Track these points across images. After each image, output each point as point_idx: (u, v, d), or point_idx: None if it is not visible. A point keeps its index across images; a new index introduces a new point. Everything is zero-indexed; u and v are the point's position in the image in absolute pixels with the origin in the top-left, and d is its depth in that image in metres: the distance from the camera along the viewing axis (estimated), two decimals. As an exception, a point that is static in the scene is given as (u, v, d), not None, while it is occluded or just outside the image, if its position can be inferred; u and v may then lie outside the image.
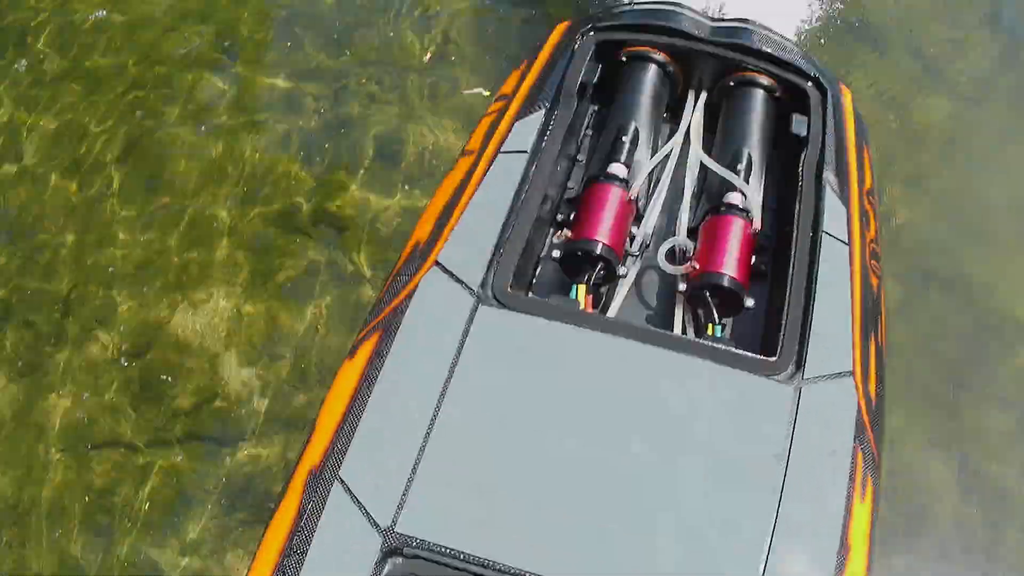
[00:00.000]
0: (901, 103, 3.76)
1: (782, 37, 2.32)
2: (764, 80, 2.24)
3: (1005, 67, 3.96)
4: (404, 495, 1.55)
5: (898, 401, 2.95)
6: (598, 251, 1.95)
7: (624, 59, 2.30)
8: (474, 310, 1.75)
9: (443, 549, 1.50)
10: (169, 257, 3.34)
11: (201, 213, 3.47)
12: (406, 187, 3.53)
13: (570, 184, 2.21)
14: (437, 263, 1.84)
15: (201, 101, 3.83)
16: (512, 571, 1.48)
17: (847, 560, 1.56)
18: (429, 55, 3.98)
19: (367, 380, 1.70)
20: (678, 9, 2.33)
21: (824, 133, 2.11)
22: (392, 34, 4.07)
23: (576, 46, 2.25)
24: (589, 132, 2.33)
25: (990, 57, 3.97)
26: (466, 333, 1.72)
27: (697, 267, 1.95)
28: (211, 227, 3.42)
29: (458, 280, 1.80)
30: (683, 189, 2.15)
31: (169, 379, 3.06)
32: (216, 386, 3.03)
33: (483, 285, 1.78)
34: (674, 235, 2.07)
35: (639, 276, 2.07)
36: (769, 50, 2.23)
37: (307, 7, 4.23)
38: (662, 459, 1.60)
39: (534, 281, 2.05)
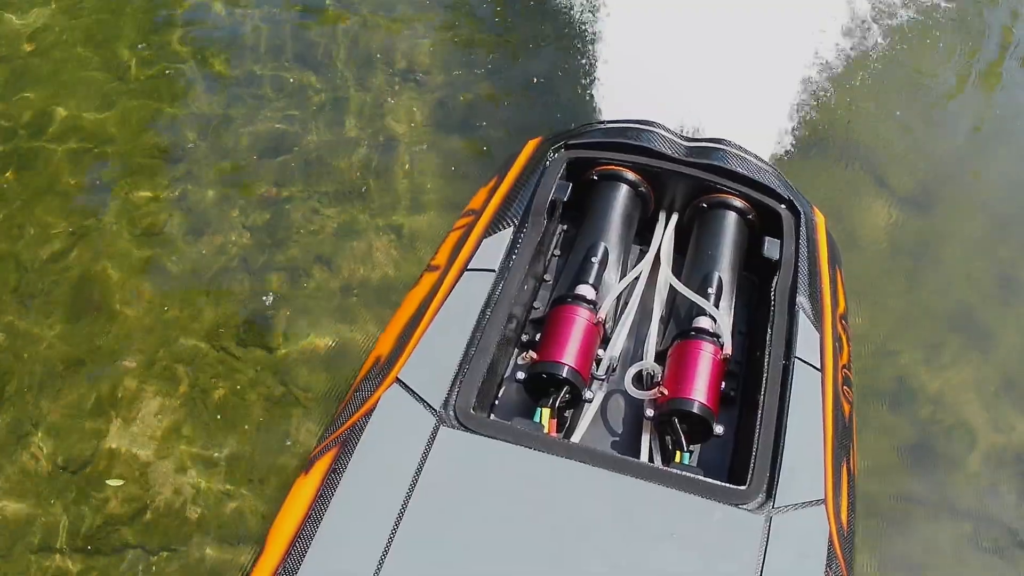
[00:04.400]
0: (845, 211, 3.81)
1: (756, 157, 2.32)
2: (737, 202, 2.22)
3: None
4: None
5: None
6: (563, 374, 1.89)
7: (595, 177, 2.28)
8: (435, 431, 1.68)
9: None
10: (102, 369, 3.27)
11: (135, 325, 3.40)
12: (343, 306, 3.45)
13: (536, 304, 2.16)
14: (398, 380, 1.78)
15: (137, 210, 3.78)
16: None
17: None
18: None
19: (322, 497, 1.62)
20: (651, 128, 2.33)
21: (797, 257, 2.09)
22: (342, 153, 4.03)
23: (547, 163, 2.24)
24: (557, 252, 2.29)
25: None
26: (426, 455, 1.65)
27: (665, 392, 1.90)
28: (143, 341, 3.34)
29: (419, 399, 1.74)
30: (651, 312, 2.12)
31: (103, 489, 2.96)
32: (148, 496, 2.94)
33: (445, 405, 1.72)
34: (642, 359, 2.02)
35: (605, 400, 2.01)
36: (743, 172, 2.22)
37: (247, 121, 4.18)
38: None
39: (497, 402, 1.98)
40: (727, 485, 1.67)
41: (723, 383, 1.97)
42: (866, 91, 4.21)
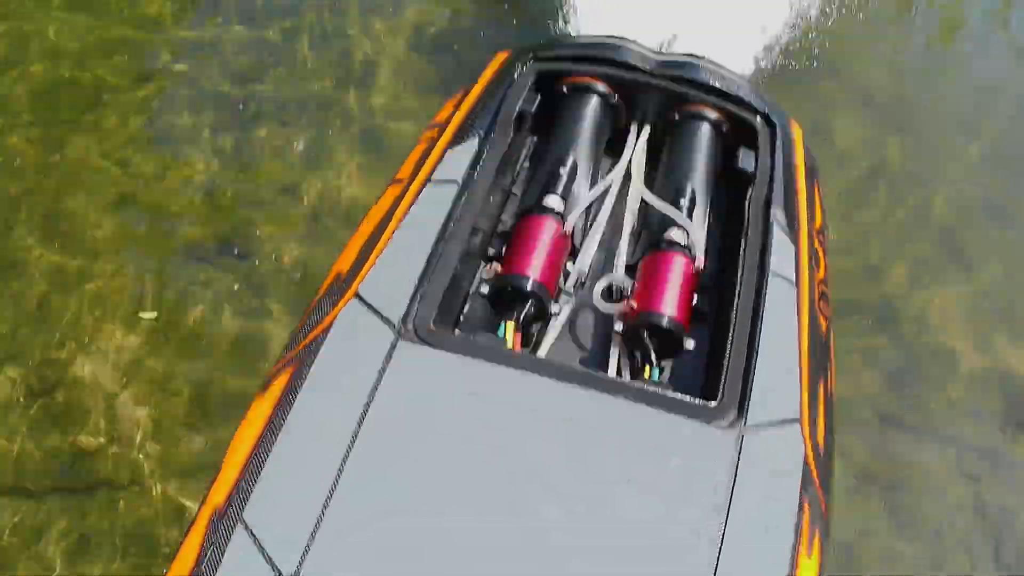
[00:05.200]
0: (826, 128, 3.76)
1: (731, 72, 2.24)
2: (711, 113, 2.14)
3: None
4: (310, 542, 1.40)
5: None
6: (528, 287, 1.82)
7: (565, 90, 2.19)
8: (393, 346, 1.61)
9: None
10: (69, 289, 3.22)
11: (103, 241, 3.35)
12: (313, 221, 3.42)
13: (504, 217, 2.08)
14: (357, 295, 1.71)
15: (108, 132, 3.71)
16: None
17: None
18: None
19: (278, 417, 1.55)
20: (624, 43, 2.23)
21: (772, 169, 2.02)
22: (309, 64, 3.98)
23: (515, 75, 2.15)
24: (526, 164, 2.21)
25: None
26: (383, 370, 1.58)
27: (635, 306, 1.82)
28: (115, 256, 3.30)
29: (378, 314, 1.66)
30: (622, 225, 2.04)
31: (72, 420, 2.92)
32: (114, 428, 2.89)
33: (404, 320, 1.65)
34: (611, 272, 1.95)
35: (573, 315, 1.93)
36: (717, 84, 2.14)
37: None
38: (591, 509, 1.46)
39: (462, 318, 1.91)
40: (696, 401, 1.60)
41: (695, 298, 1.90)
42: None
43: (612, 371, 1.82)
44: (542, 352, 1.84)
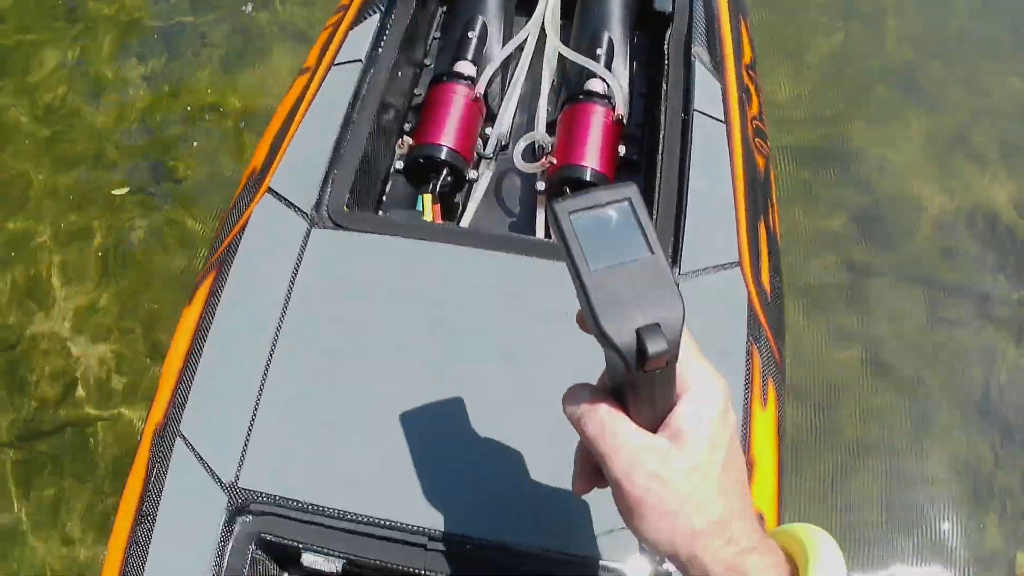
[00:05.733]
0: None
1: None
2: None
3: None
4: (244, 447, 1.36)
5: (791, 295, 2.83)
6: (442, 156, 1.75)
7: None
8: (307, 234, 1.56)
9: (291, 503, 1.32)
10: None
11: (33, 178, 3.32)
12: (242, 128, 3.36)
13: (418, 91, 2.00)
14: (270, 190, 1.64)
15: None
16: (368, 520, 1.30)
17: (752, 475, 1.38)
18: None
19: (203, 325, 1.51)
20: None
21: (692, 7, 1.92)
22: None
23: None
24: (436, 35, 2.11)
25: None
26: (300, 259, 1.53)
27: (555, 162, 1.75)
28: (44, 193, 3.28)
29: (290, 205, 1.60)
30: (541, 83, 1.96)
31: (32, 371, 2.90)
32: (74, 370, 2.87)
33: (317, 207, 1.59)
34: (532, 131, 1.88)
35: (496, 181, 1.88)
36: None
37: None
38: (520, 381, 1.41)
39: (385, 199, 1.85)
40: None
41: (623, 148, 1.83)
42: None
43: (540, 233, 1.77)
44: (465, 221, 1.79)
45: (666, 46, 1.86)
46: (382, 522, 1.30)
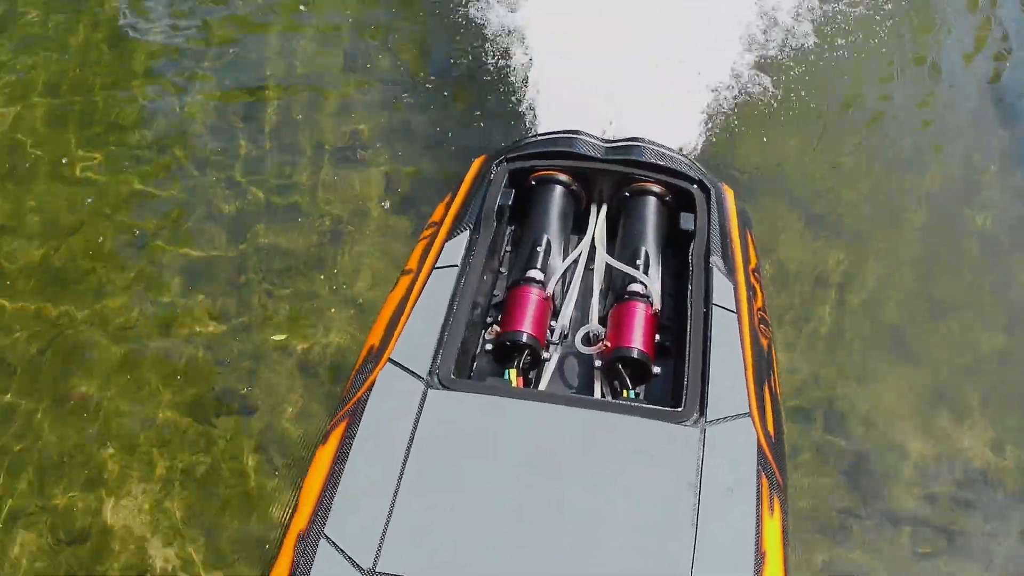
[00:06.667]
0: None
1: (668, 149, 2.74)
2: (655, 188, 2.63)
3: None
4: (381, 541, 1.82)
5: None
6: (524, 339, 2.29)
7: (534, 183, 2.68)
8: (424, 394, 2.06)
9: None
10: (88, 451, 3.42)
11: (115, 407, 3.54)
12: (311, 376, 3.60)
13: (496, 292, 2.56)
14: (391, 360, 2.16)
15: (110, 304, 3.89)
16: None
17: (764, 563, 1.84)
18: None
19: (340, 456, 1.99)
20: (576, 135, 2.74)
21: (709, 225, 2.49)
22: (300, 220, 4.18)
23: (492, 176, 2.63)
24: (508, 248, 2.69)
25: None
26: (419, 414, 2.02)
27: (608, 345, 2.28)
28: (125, 421, 3.50)
29: (409, 371, 2.11)
30: (592, 286, 2.52)
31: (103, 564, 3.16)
32: (145, 567, 3.13)
33: (430, 373, 2.10)
34: (588, 323, 2.41)
35: (561, 360, 2.40)
36: (657, 162, 2.64)
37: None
38: (595, 499, 1.89)
39: (472, 375, 2.37)
40: (666, 408, 2.06)
41: (657, 335, 2.36)
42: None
43: (597, 396, 2.29)
44: (540, 388, 2.31)
45: (690, 256, 2.43)
46: None
